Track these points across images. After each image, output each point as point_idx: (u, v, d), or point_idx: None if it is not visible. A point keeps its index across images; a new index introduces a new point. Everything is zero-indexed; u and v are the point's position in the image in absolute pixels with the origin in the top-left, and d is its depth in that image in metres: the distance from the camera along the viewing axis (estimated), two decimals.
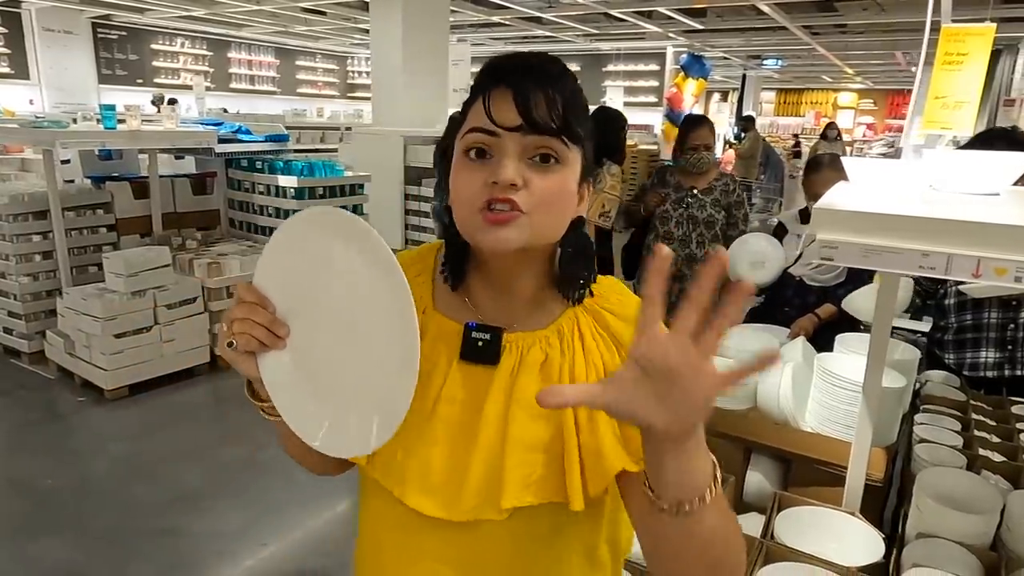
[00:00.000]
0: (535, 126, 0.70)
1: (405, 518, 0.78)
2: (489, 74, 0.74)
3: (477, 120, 0.72)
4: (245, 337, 0.73)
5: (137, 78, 12.17)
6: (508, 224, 0.71)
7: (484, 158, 0.72)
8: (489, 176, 0.70)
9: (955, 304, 2.32)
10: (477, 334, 0.78)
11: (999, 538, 1.38)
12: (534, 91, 0.71)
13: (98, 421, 3.58)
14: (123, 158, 4.99)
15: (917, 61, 12.03)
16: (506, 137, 0.71)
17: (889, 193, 1.26)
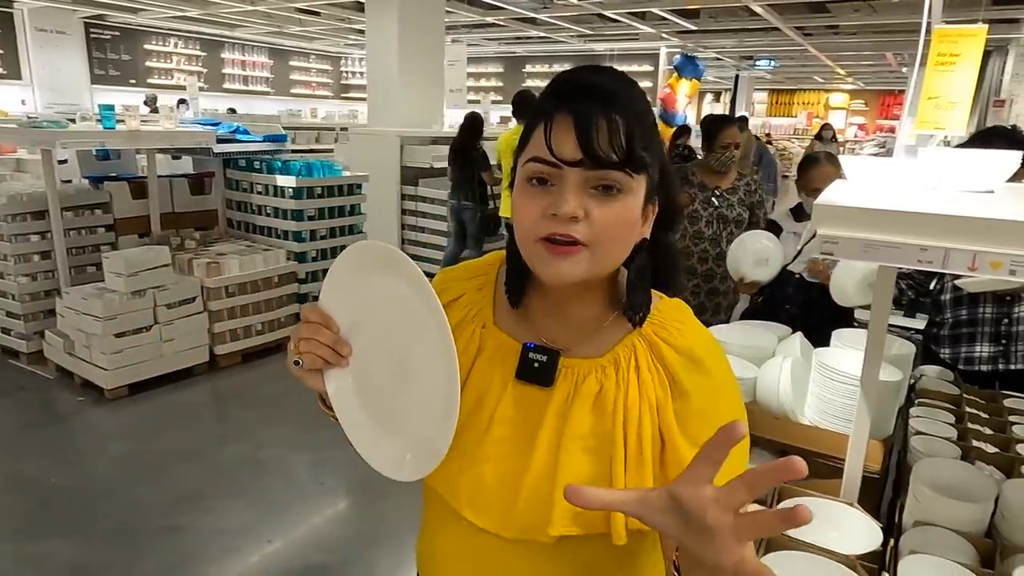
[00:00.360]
0: (597, 160, 0.69)
1: (462, 527, 0.80)
2: (552, 97, 0.72)
3: (538, 150, 0.71)
4: (311, 356, 0.77)
5: (130, 78, 12.14)
6: (569, 257, 0.71)
7: (545, 185, 0.72)
8: (550, 207, 0.70)
9: (951, 299, 2.36)
10: (534, 355, 0.79)
11: (994, 526, 1.41)
12: (597, 120, 0.69)
13: (98, 421, 3.58)
14: (120, 158, 4.99)
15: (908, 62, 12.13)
16: (567, 170, 0.70)
17: (887, 190, 1.30)
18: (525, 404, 0.79)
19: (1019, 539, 1.35)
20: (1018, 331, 2.29)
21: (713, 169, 3.12)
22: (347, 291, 0.79)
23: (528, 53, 15.10)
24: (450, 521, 0.82)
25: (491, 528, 0.77)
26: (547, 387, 0.78)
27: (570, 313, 0.80)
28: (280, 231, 4.74)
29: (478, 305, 0.85)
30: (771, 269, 2.49)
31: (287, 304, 4.61)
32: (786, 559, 1.34)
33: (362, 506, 2.89)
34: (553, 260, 0.71)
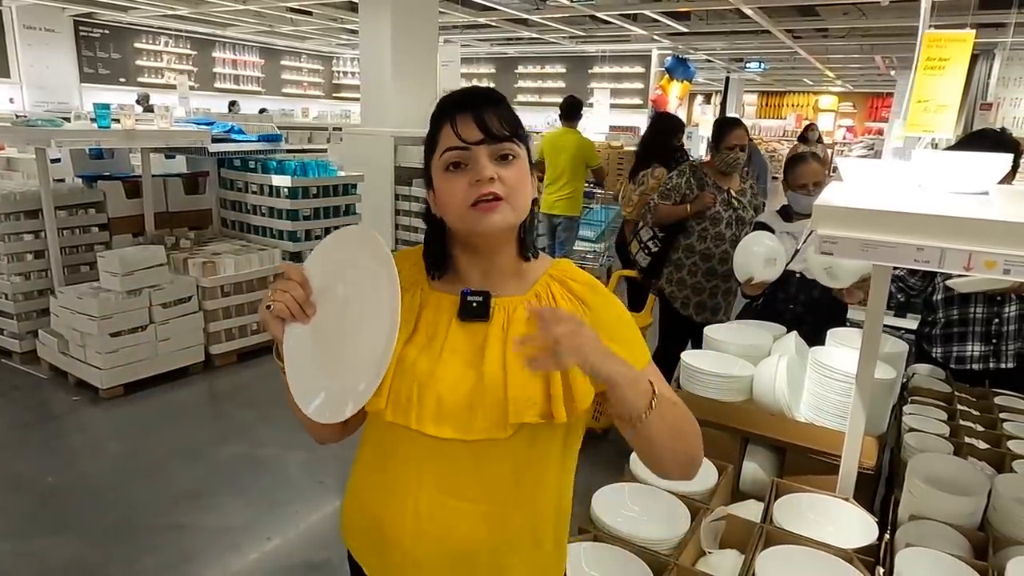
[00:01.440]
0: (494, 136, 0.94)
1: (418, 443, 0.97)
2: (450, 105, 0.97)
3: (449, 141, 0.95)
4: (280, 305, 0.95)
5: (120, 77, 12.06)
6: (496, 210, 0.94)
7: (460, 168, 0.95)
8: (472, 178, 0.94)
9: (942, 300, 2.41)
10: (472, 297, 0.99)
11: (986, 519, 1.45)
12: (488, 111, 0.95)
13: (94, 420, 3.57)
14: (114, 157, 4.97)
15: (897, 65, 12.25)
16: (475, 149, 0.94)
17: (883, 191, 1.33)
18: (470, 336, 0.99)
19: (1011, 531, 1.39)
20: (1008, 331, 2.34)
21: (719, 170, 3.14)
22: (327, 262, 0.98)
23: (520, 54, 15.14)
24: (402, 443, 0.99)
25: (455, 435, 0.95)
26: (485, 320, 0.99)
27: (495, 262, 1.02)
28: (275, 231, 4.74)
29: (414, 277, 1.06)
30: (779, 268, 2.51)
31: None
32: (785, 553, 1.37)
33: None
34: (486, 216, 0.94)
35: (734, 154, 3.09)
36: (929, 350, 2.49)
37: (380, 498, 1.02)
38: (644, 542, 1.40)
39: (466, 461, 0.97)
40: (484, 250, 1.01)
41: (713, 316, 3.20)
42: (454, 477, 0.97)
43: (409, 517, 0.98)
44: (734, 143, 3.08)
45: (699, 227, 3.16)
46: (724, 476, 1.70)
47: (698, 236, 3.18)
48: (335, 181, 4.91)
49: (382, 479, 1.02)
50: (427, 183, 1.02)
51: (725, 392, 1.94)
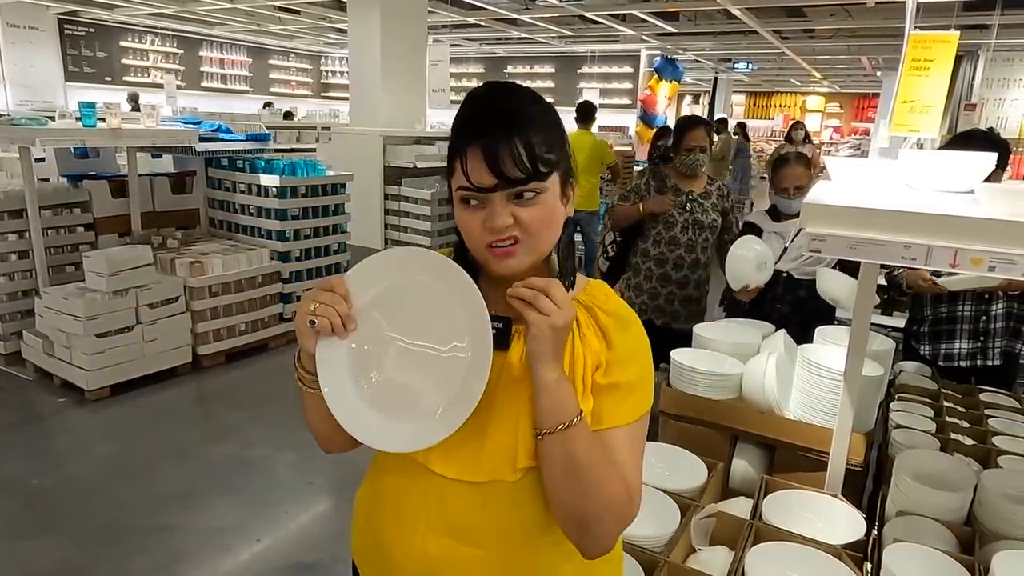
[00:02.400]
0: (509, 181, 0.84)
1: (423, 477, 0.92)
2: (461, 132, 0.87)
3: (461, 180, 0.86)
4: (324, 321, 0.86)
5: (105, 76, 11.94)
6: (512, 255, 0.87)
7: (475, 206, 0.87)
8: (486, 221, 0.86)
9: (931, 297, 2.43)
10: (492, 323, 0.88)
11: (973, 514, 1.47)
12: (501, 147, 0.83)
13: (81, 422, 3.54)
14: (100, 156, 4.92)
15: (883, 66, 12.37)
16: (492, 192, 0.85)
17: (871, 190, 1.35)
18: (497, 368, 0.89)
19: (997, 526, 1.41)
20: (995, 328, 2.36)
21: (680, 172, 3.01)
22: (379, 281, 0.90)
23: (509, 53, 15.14)
24: (412, 476, 0.93)
25: (461, 476, 0.90)
26: (504, 349, 0.91)
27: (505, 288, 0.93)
28: (264, 230, 4.72)
29: None
30: (769, 270, 2.53)
31: (271, 304, 4.58)
32: (774, 550, 1.38)
33: (351, 504, 2.88)
34: (500, 261, 0.88)
35: (693, 156, 2.94)
36: (917, 347, 2.51)
37: (391, 532, 0.96)
38: (635, 540, 1.41)
39: (475, 503, 0.91)
40: (506, 280, 0.92)
41: (674, 321, 3.04)
42: (463, 519, 0.91)
43: (418, 560, 0.93)
44: (693, 144, 2.94)
45: (653, 231, 3.02)
46: (714, 473, 1.71)
47: (652, 240, 3.04)
48: (324, 180, 4.89)
49: (393, 512, 0.97)
50: (449, 198, 0.93)
51: (715, 390, 1.95)
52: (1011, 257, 1.00)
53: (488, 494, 0.90)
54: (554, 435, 0.83)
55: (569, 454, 0.84)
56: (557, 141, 0.89)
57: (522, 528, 0.92)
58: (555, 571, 0.95)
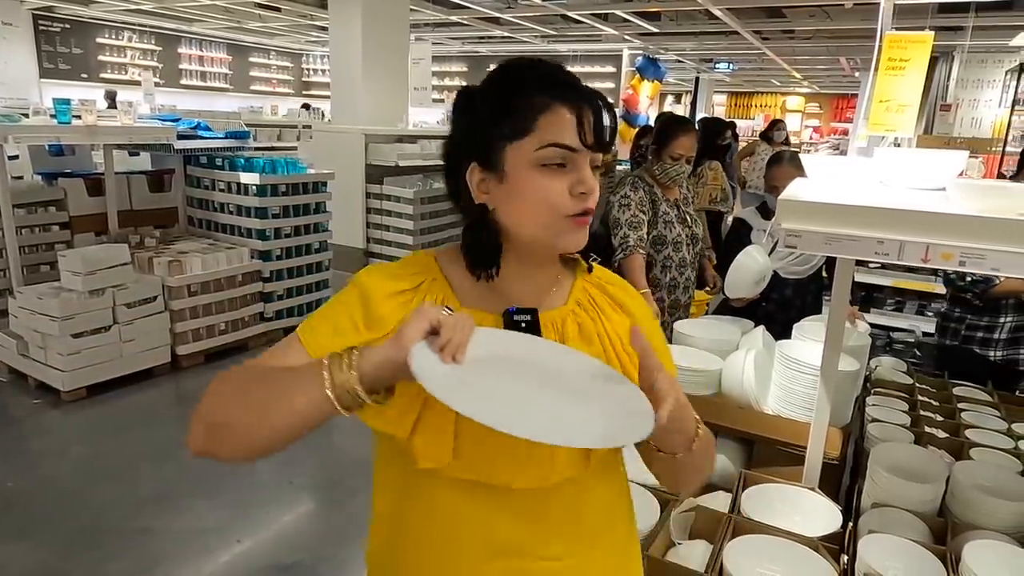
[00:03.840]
0: (603, 146, 0.83)
1: (482, 502, 0.83)
2: (555, 90, 0.81)
3: (562, 137, 0.80)
4: (453, 344, 0.72)
5: (81, 73, 11.74)
6: (585, 226, 0.84)
7: (560, 170, 0.81)
8: (576, 186, 0.81)
9: (1013, 304, 2.43)
10: (519, 316, 0.85)
11: (945, 505, 1.50)
12: (597, 109, 0.82)
13: (56, 423, 3.48)
14: (75, 154, 4.85)
15: (861, 66, 12.52)
16: (584, 154, 0.81)
17: (846, 187, 1.37)
18: None
19: (968, 517, 1.44)
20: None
21: (660, 182, 2.69)
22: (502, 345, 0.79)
23: (492, 52, 15.12)
24: (459, 497, 0.84)
25: (533, 483, 0.83)
26: None
27: (540, 275, 0.91)
28: (243, 229, 4.67)
29: (439, 293, 0.88)
30: (765, 282, 2.54)
31: (251, 303, 4.54)
32: (752, 543, 1.39)
33: (332, 504, 2.88)
34: (580, 231, 0.84)
35: (679, 166, 2.63)
36: (985, 353, 2.50)
37: (444, 567, 0.86)
38: None
39: (547, 509, 0.85)
40: (542, 261, 0.89)
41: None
42: (535, 531, 0.85)
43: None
44: (680, 153, 2.61)
45: (661, 256, 2.70)
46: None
47: (662, 266, 2.71)
48: (304, 179, 4.85)
49: (433, 546, 0.85)
50: (485, 164, 0.83)
51: (694, 386, 1.96)
52: (981, 252, 1.02)
53: (558, 495, 0.85)
54: (693, 446, 0.84)
55: (701, 446, 0.86)
56: None
57: (599, 521, 0.91)
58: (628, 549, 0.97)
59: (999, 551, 1.27)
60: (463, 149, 0.85)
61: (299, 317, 4.91)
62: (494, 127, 0.82)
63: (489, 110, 0.83)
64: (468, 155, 0.84)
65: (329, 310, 0.89)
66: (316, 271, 5.03)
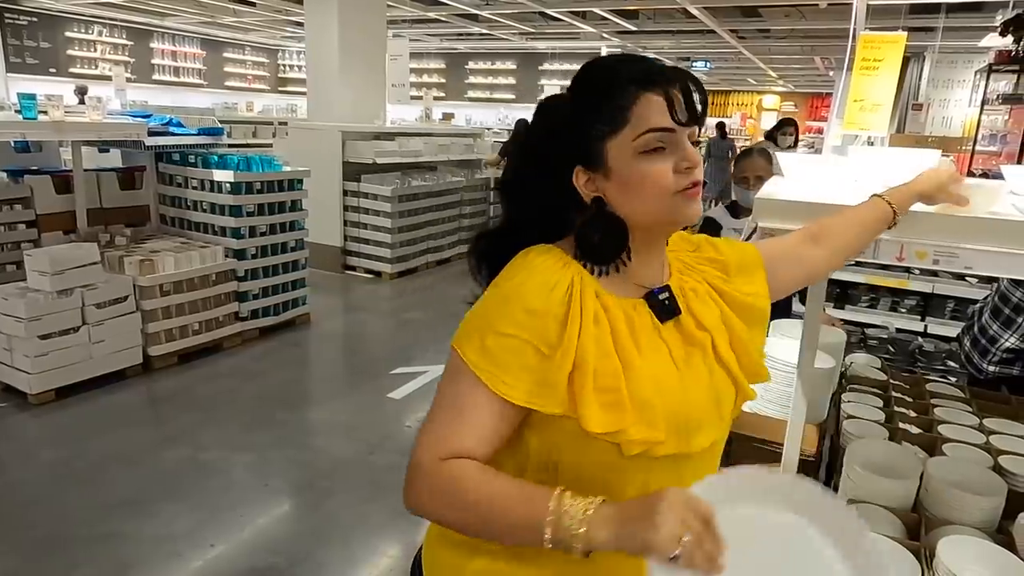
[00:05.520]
0: (697, 120, 0.87)
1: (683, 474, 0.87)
2: (657, 77, 0.85)
3: (658, 119, 0.84)
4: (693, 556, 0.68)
5: (50, 67, 11.49)
6: (697, 198, 0.88)
7: (660, 152, 0.85)
8: (681, 162, 0.85)
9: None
10: (662, 296, 0.92)
11: (919, 501, 1.51)
12: (693, 88, 0.86)
13: (23, 427, 3.39)
14: (42, 151, 4.73)
15: (836, 66, 12.69)
16: (681, 131, 0.85)
17: (821, 186, 1.37)
18: (676, 334, 0.92)
19: (942, 512, 1.45)
20: None
21: None
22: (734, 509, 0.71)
23: (470, 50, 15.08)
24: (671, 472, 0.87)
25: (712, 439, 0.90)
26: (679, 314, 0.93)
27: (657, 254, 0.96)
28: (217, 227, 4.59)
29: (590, 286, 0.89)
30: None
31: (226, 303, 4.47)
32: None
33: (308, 505, 2.84)
34: (693, 203, 0.87)
35: None
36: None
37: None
38: None
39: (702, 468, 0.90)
40: (659, 241, 0.95)
41: None
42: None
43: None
44: None
45: None
46: None
47: None
48: (280, 176, 4.79)
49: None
50: (589, 164, 0.87)
51: None
52: (953, 250, 1.03)
53: (695, 462, 0.90)
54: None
55: None
56: None
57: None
58: None
59: (972, 546, 1.29)
60: (562, 156, 0.88)
61: (275, 316, 4.85)
62: (591, 128, 0.86)
63: (582, 113, 0.87)
64: (569, 160, 0.88)
65: (504, 344, 0.84)
66: (292, 270, 4.97)
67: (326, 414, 3.74)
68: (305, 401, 4.00)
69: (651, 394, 0.84)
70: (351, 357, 5.04)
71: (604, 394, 0.82)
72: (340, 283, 6.53)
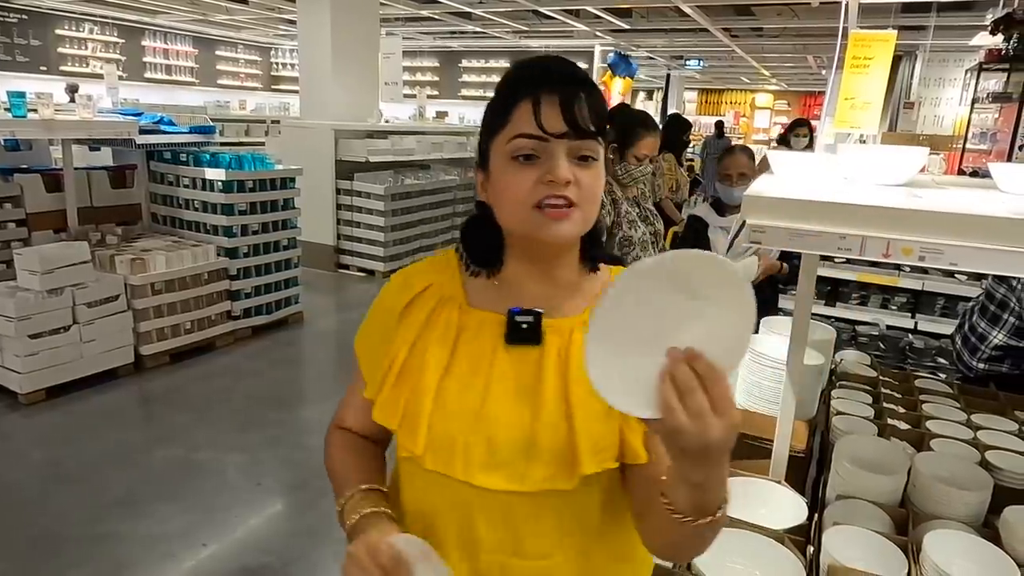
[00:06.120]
0: (579, 131, 0.79)
1: (466, 500, 0.83)
2: (533, 79, 0.81)
3: (525, 126, 0.79)
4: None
5: (40, 65, 11.40)
6: (566, 218, 0.79)
7: (531, 161, 0.80)
8: (544, 175, 0.79)
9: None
10: (521, 318, 0.84)
11: (907, 496, 1.52)
12: (577, 97, 0.79)
13: (14, 427, 3.37)
14: (32, 149, 4.70)
15: (828, 65, 12.72)
16: (554, 142, 0.79)
17: (810, 183, 1.38)
18: (520, 364, 0.84)
19: (929, 507, 1.46)
20: None
21: (620, 181, 2.51)
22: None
23: (464, 48, 15.05)
24: (446, 495, 0.84)
25: (510, 487, 0.80)
26: (537, 344, 0.84)
27: (554, 275, 0.88)
28: (209, 226, 4.58)
29: (449, 291, 0.90)
30: None
31: (218, 302, 4.45)
32: (719, 537, 1.40)
33: (301, 505, 2.83)
34: (553, 223, 0.79)
35: (644, 167, 2.50)
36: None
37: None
38: None
39: (526, 513, 0.82)
40: (542, 259, 0.86)
41: None
42: (513, 533, 0.83)
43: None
44: (645, 154, 2.48)
45: (629, 258, 2.47)
46: None
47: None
48: (272, 175, 4.77)
49: (427, 538, 0.85)
50: (481, 164, 0.86)
51: None
52: (938, 247, 1.03)
53: (541, 502, 0.81)
54: (694, 525, 0.69)
55: (701, 534, 0.72)
56: (606, 117, 0.85)
57: (589, 531, 0.85)
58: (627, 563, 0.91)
59: (958, 540, 1.30)
60: (478, 157, 0.88)
61: (267, 315, 4.84)
62: (483, 127, 0.85)
63: (485, 113, 0.85)
64: (480, 162, 0.87)
65: (368, 325, 0.97)
66: (285, 268, 4.95)
67: (319, 413, 3.73)
68: (298, 400, 4.00)
69: (424, 404, 0.82)
70: (344, 356, 5.03)
71: (395, 390, 0.86)
72: (333, 282, 6.52)
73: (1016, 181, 1.28)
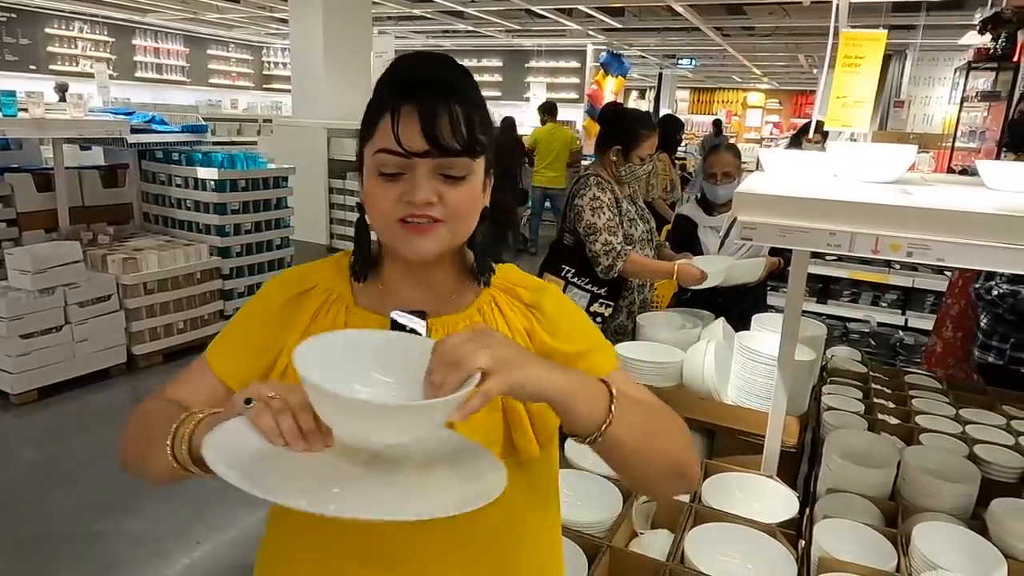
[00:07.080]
0: (442, 150, 0.74)
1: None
2: (394, 90, 0.76)
3: (385, 141, 0.75)
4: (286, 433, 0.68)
5: (30, 64, 11.32)
6: (427, 235, 0.77)
7: (394, 178, 0.76)
8: (404, 194, 0.75)
9: None
10: (403, 319, 0.82)
11: (896, 489, 1.54)
12: (440, 110, 0.74)
13: (5, 427, 3.36)
14: (23, 148, 4.68)
15: (819, 64, 12.79)
16: (416, 160, 0.75)
17: (801, 180, 1.39)
18: None
19: (918, 500, 1.48)
20: None
21: (618, 180, 2.49)
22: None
23: (456, 47, 15.04)
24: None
25: None
26: None
27: (431, 281, 0.87)
28: (202, 225, 4.57)
29: (337, 290, 0.88)
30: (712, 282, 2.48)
31: (210, 301, 4.44)
32: (712, 531, 1.41)
33: None
34: (413, 239, 0.77)
35: (645, 166, 2.49)
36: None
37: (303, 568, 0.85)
38: (577, 526, 1.42)
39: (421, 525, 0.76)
40: (415, 269, 0.85)
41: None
42: (401, 544, 0.80)
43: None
44: (648, 154, 2.47)
45: (630, 258, 2.42)
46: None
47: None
48: (265, 174, 4.76)
49: (323, 560, 0.82)
50: (359, 169, 0.83)
51: (656, 378, 1.98)
52: (925, 243, 1.05)
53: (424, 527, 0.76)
54: (612, 420, 0.70)
55: (632, 422, 0.73)
56: (490, 124, 0.81)
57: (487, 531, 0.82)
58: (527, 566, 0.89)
59: (947, 532, 1.32)
60: (357, 163, 0.85)
61: None
62: (361, 135, 0.81)
63: (362, 121, 0.81)
64: (358, 167, 0.84)
65: (232, 326, 0.90)
66: (278, 268, 4.94)
67: None
68: None
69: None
70: None
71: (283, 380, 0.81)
72: None
73: (1003, 178, 1.30)
